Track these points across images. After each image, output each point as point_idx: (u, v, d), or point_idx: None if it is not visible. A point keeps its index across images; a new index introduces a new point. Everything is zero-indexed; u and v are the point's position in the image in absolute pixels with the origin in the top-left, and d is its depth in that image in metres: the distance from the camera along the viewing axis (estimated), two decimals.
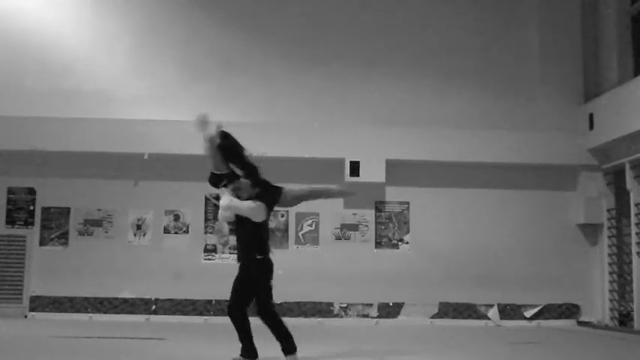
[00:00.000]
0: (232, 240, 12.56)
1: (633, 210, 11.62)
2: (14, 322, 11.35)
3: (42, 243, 12.55)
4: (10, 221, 12.57)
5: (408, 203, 12.89)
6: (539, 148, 12.67)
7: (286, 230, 12.70)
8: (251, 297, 6.75)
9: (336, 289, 12.41)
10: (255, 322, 6.76)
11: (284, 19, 13.34)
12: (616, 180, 12.50)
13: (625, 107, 11.46)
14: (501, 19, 13.49)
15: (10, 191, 12.65)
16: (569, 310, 12.68)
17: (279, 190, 7.15)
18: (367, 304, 12.54)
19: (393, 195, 12.85)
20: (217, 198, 7.13)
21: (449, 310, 12.58)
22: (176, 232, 12.67)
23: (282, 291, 6.99)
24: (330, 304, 12.51)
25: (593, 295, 12.71)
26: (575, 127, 12.70)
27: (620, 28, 12.63)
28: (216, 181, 7.04)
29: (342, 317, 12.48)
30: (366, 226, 12.80)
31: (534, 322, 12.52)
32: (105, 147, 12.33)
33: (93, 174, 12.65)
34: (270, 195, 6.99)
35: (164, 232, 12.66)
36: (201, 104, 12.74)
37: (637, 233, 11.52)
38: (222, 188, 6.93)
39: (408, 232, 12.83)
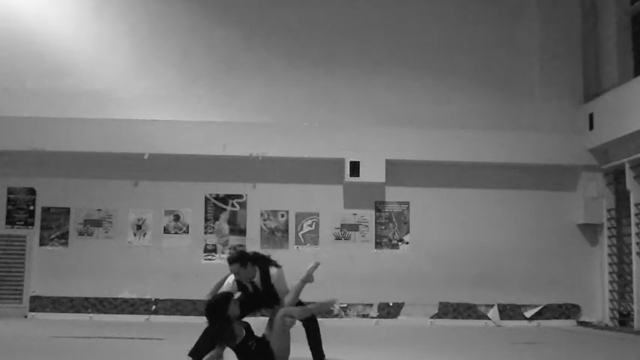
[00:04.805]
0: (232, 240, 12.59)
1: (633, 210, 11.61)
2: (14, 322, 11.35)
3: (42, 243, 12.54)
4: (10, 221, 12.57)
5: (408, 203, 12.88)
6: (539, 148, 12.67)
7: (286, 230, 12.68)
8: None
9: (336, 289, 12.38)
10: None
11: (284, 20, 13.34)
12: (616, 180, 12.49)
13: (625, 107, 11.45)
14: (501, 20, 13.49)
15: (10, 191, 12.64)
16: (569, 310, 12.68)
17: None
18: (367, 304, 12.54)
19: (393, 195, 12.85)
20: None
21: (449, 310, 12.58)
22: (176, 232, 12.66)
23: None
24: (331, 304, 12.49)
25: (593, 295, 12.70)
26: (575, 127, 12.72)
27: (620, 28, 12.63)
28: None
29: (342, 317, 12.47)
30: (366, 226, 12.79)
31: (534, 322, 12.51)
32: (105, 147, 12.33)
33: (93, 174, 12.65)
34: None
35: (164, 232, 12.65)
36: (202, 104, 12.89)
37: (637, 233, 11.51)
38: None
39: (408, 232, 12.82)
